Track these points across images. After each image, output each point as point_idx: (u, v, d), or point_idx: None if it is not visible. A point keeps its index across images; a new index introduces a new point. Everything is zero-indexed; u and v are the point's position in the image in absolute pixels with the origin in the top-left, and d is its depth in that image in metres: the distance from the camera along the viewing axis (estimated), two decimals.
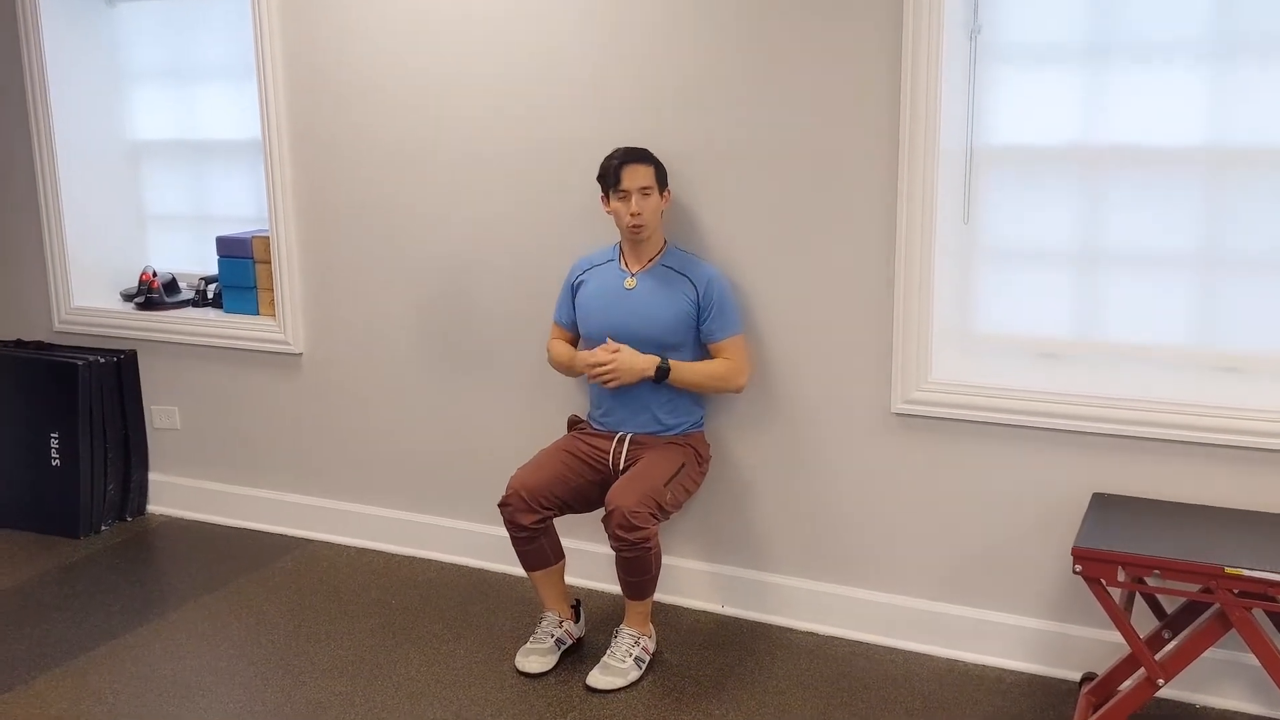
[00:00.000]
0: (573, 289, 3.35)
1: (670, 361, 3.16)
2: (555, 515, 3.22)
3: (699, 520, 3.55)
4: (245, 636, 3.43)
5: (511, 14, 3.50)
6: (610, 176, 3.15)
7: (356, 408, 4.03)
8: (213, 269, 4.39)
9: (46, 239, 4.40)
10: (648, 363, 3.14)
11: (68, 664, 3.28)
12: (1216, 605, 2.57)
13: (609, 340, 3.17)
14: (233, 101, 4.31)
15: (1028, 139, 3.11)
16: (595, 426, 3.33)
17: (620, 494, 3.02)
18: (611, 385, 3.14)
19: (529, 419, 3.72)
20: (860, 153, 3.13)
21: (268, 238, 4.04)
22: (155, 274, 4.42)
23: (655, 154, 3.22)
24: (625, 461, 3.21)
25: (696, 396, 3.31)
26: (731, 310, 3.22)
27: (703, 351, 3.26)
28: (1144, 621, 2.99)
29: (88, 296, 4.47)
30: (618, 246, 3.32)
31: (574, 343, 3.43)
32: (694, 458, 3.25)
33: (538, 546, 3.22)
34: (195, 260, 4.56)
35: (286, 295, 4.02)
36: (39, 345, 4.47)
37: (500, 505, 3.18)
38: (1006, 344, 3.24)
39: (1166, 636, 2.86)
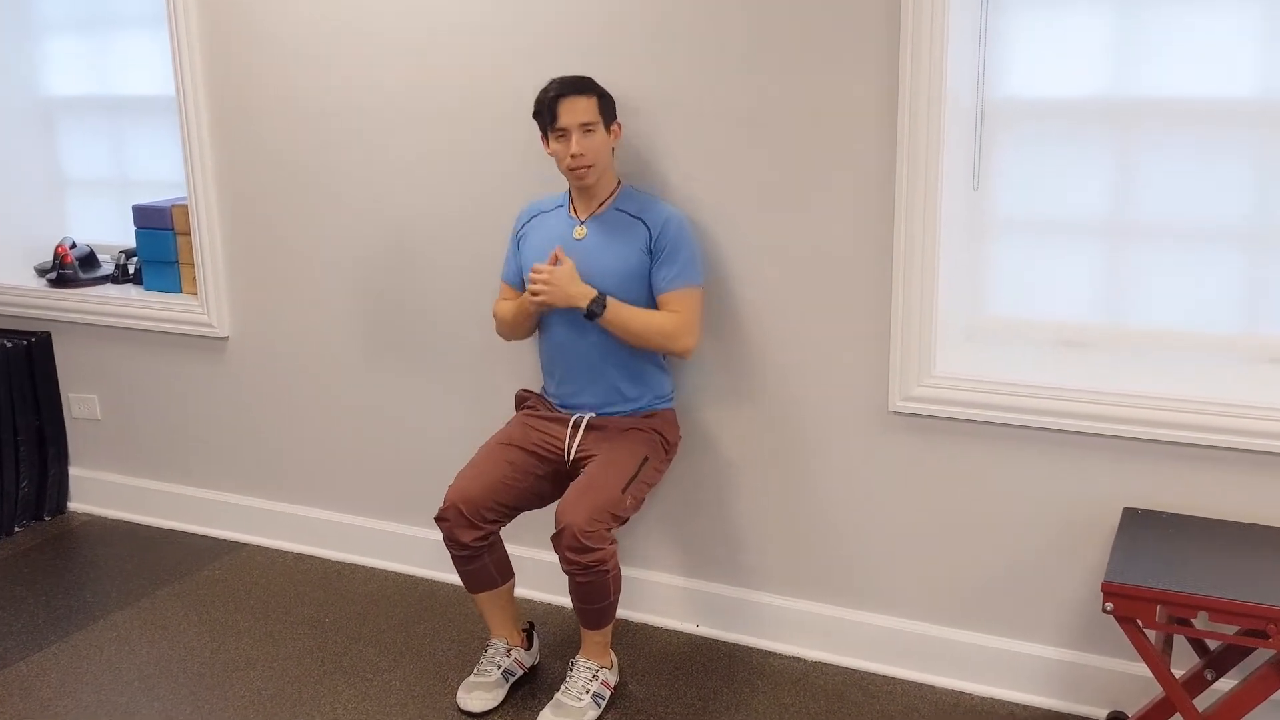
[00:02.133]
0: (518, 240, 2.90)
1: (609, 299, 2.71)
2: (502, 525, 2.80)
3: (670, 530, 3.13)
4: (155, 664, 3.03)
5: None
6: (545, 114, 2.70)
7: (290, 398, 3.60)
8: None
9: None
10: (582, 292, 2.68)
11: None
12: (1273, 651, 2.16)
13: (559, 250, 2.72)
14: (155, 52, 3.85)
15: (1048, 91, 2.67)
16: (548, 400, 2.90)
17: (571, 508, 2.60)
18: (536, 300, 2.69)
19: (481, 413, 3.30)
20: (853, 108, 2.68)
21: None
22: (73, 246, 3.98)
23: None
24: (578, 451, 2.79)
25: (662, 364, 2.87)
26: (687, 257, 2.76)
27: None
28: (1181, 653, 2.59)
29: None
30: (568, 191, 2.87)
31: None
32: (659, 446, 2.82)
33: (481, 566, 2.80)
34: (118, 230, 4.12)
35: (209, 272, 3.57)
36: None
37: (437, 519, 2.76)
38: (1022, 332, 2.80)
39: (1209, 677, 2.45)
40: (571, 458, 2.80)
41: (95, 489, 4.02)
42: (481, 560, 2.79)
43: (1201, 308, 2.63)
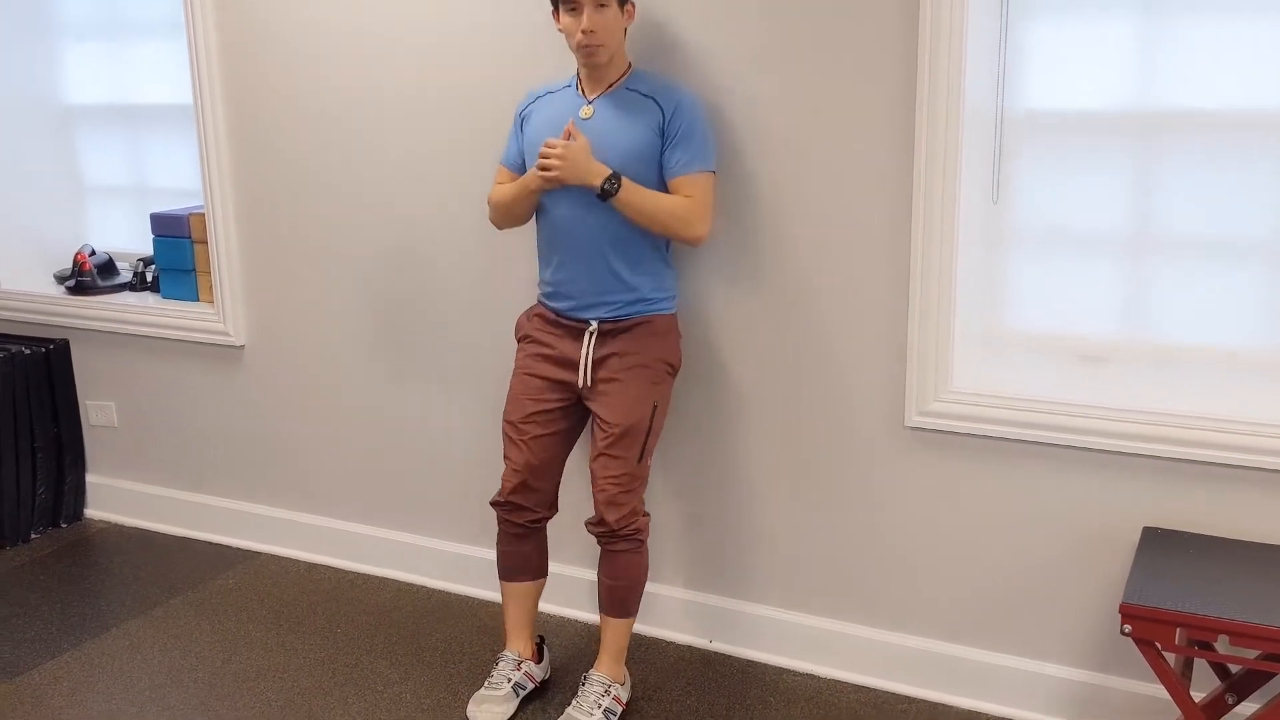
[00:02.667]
0: (522, 121, 2.78)
1: (623, 179, 2.59)
2: (555, 492, 2.86)
3: (684, 544, 3.10)
4: (166, 674, 3.02)
5: None
6: None
7: (305, 408, 3.59)
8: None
9: None
10: (598, 169, 2.57)
11: None
12: None
13: (572, 124, 2.61)
14: (173, 61, 3.86)
15: (1069, 103, 2.62)
16: (546, 303, 2.79)
17: (604, 500, 2.68)
18: (549, 176, 2.58)
19: (495, 424, 3.28)
20: (870, 118, 2.65)
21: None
22: (92, 254, 4.00)
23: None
24: (594, 380, 2.71)
25: (664, 253, 2.77)
26: (701, 140, 2.64)
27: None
28: (1201, 673, 2.54)
29: (16, 279, 4.04)
30: (576, 74, 2.75)
31: None
32: (664, 376, 2.75)
33: (527, 549, 2.86)
34: (139, 237, 4.13)
35: (225, 280, 3.57)
36: None
37: (494, 504, 2.84)
38: (1042, 346, 2.76)
39: (1230, 701, 2.41)
40: (590, 383, 2.73)
41: (111, 496, 4.03)
42: (528, 543, 2.85)
43: (1223, 322, 2.58)
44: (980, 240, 2.74)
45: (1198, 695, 2.53)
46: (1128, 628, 2.17)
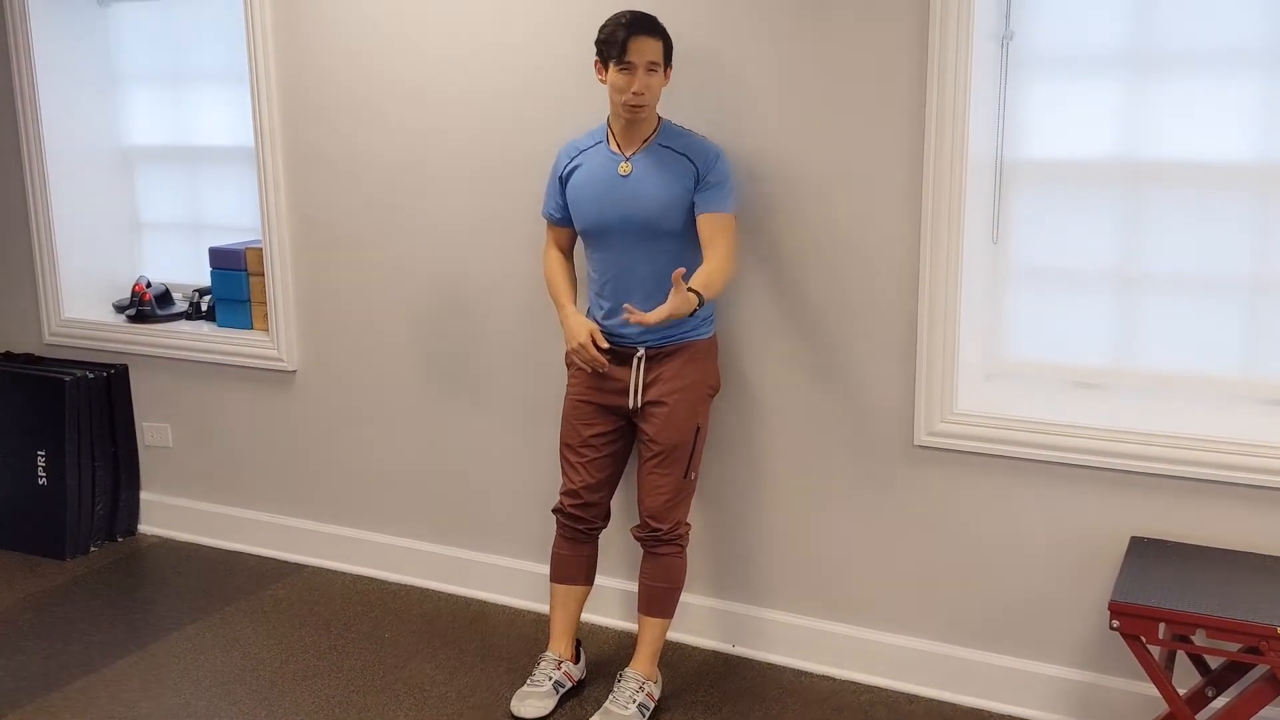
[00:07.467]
0: (562, 179, 3.00)
1: (694, 286, 2.74)
2: (609, 498, 3.13)
3: (708, 554, 3.35)
4: (229, 672, 3.26)
5: (504, 19, 3.30)
6: (614, 46, 2.76)
7: (352, 428, 3.85)
8: (208, 279, 4.22)
9: (36, 248, 4.24)
10: (687, 304, 2.69)
11: (40, 700, 3.12)
12: (1267, 667, 2.35)
13: (627, 308, 2.77)
14: (228, 106, 4.14)
15: (1063, 153, 2.91)
16: (602, 327, 2.99)
17: (652, 511, 2.95)
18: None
19: (532, 444, 3.53)
20: (882, 166, 2.93)
21: (261, 249, 3.87)
22: (149, 285, 4.26)
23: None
24: (643, 402, 2.94)
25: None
26: (730, 187, 2.89)
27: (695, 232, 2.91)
28: (1184, 673, 2.78)
29: (79, 308, 4.31)
30: (605, 126, 2.97)
31: (572, 239, 3.09)
32: (706, 397, 3.00)
33: (579, 554, 3.12)
34: (191, 270, 4.40)
35: (279, 310, 3.84)
36: (28, 358, 4.32)
37: (555, 511, 3.12)
38: (1039, 373, 3.03)
39: (1210, 694, 2.65)
40: (639, 406, 2.96)
41: (165, 512, 4.28)
42: (584, 547, 3.11)
43: (1204, 352, 2.84)
44: (982, 277, 3.01)
45: (1180, 690, 2.76)
46: (1116, 623, 2.41)
